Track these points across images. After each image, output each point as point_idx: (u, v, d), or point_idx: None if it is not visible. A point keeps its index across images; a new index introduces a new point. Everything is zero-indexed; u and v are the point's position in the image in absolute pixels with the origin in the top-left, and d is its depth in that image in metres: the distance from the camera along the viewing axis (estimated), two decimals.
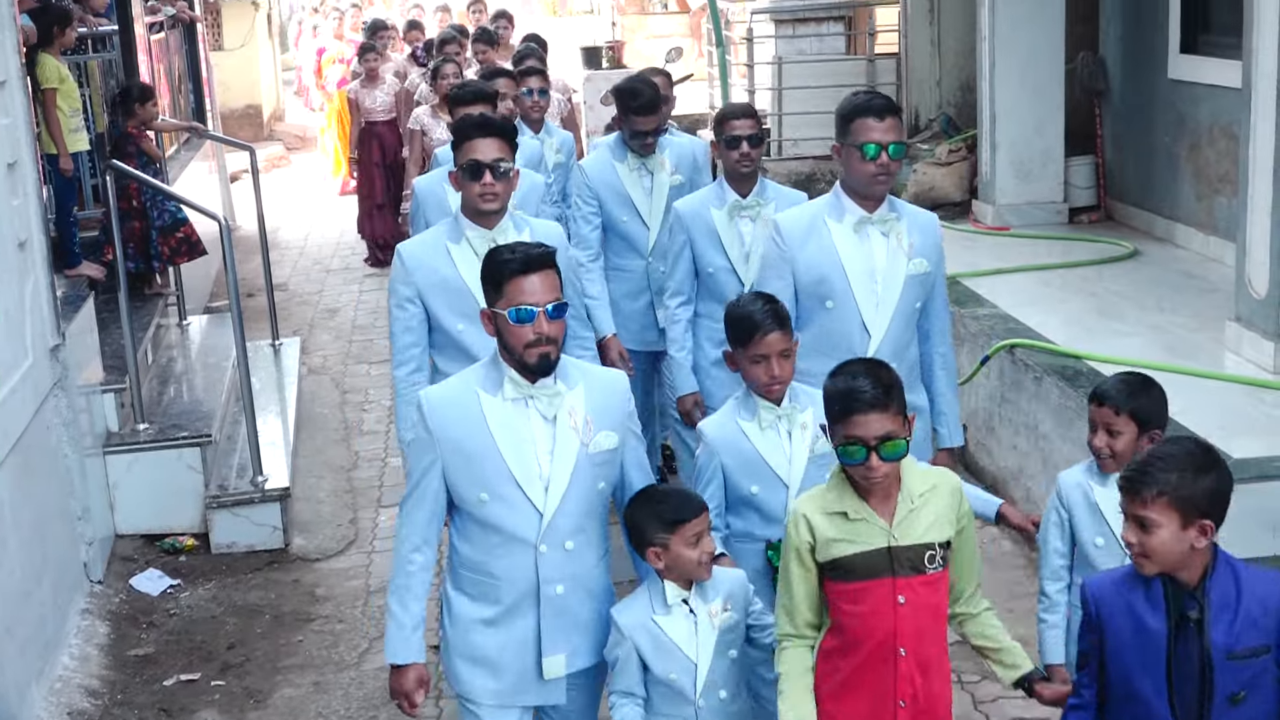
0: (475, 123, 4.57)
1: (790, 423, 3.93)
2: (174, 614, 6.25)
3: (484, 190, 4.48)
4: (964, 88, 11.14)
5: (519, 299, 3.50)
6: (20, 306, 5.83)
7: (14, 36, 6.32)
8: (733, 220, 5.32)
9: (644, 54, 17.41)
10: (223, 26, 20.82)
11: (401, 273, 4.63)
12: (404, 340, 4.68)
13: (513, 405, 3.56)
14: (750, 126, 5.31)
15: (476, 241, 4.50)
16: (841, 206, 4.53)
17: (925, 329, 4.68)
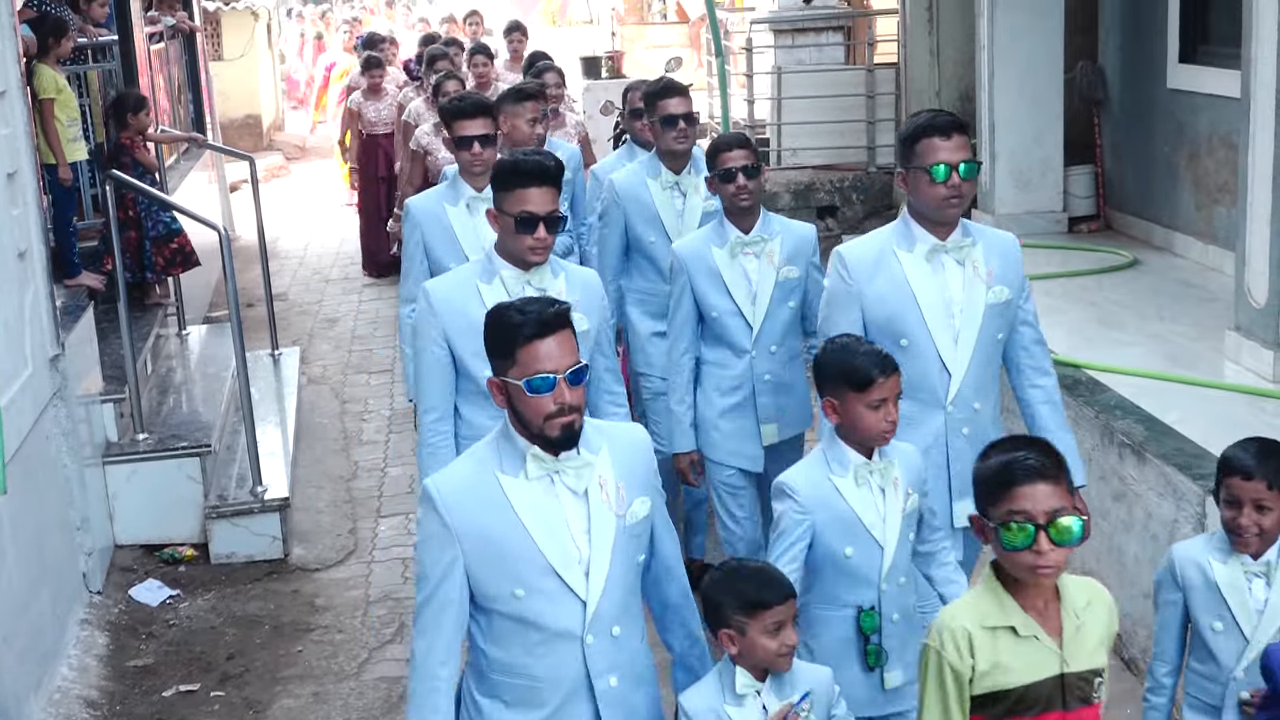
0: (528, 170, 4.15)
1: (884, 478, 3.65)
2: (173, 624, 6.24)
3: (536, 244, 4.16)
4: (963, 97, 11.15)
5: (534, 366, 3.09)
6: (20, 316, 5.83)
7: (14, 46, 6.32)
8: (735, 259, 5.01)
9: (643, 64, 17.43)
10: (222, 37, 20.86)
11: (428, 313, 4.30)
12: (430, 384, 4.35)
13: (539, 485, 3.15)
14: (745, 157, 4.99)
15: (511, 282, 4.21)
16: (911, 235, 4.18)
17: (1017, 362, 4.33)
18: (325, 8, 27.38)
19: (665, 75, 6.33)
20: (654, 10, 22.46)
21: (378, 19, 24.45)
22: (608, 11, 21.76)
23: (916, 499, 3.70)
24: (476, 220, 5.18)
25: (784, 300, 5.06)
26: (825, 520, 3.62)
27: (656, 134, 5.75)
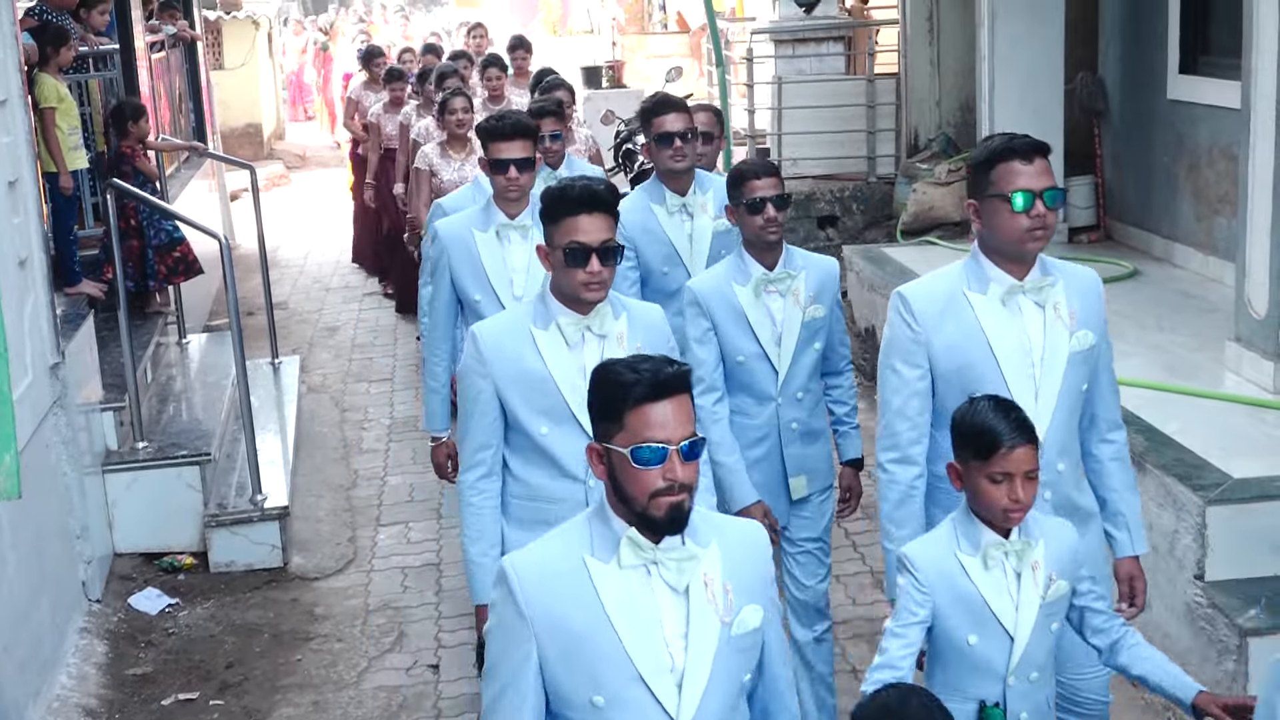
0: (576, 196, 3.70)
1: (1020, 561, 3.26)
2: (172, 633, 6.24)
3: (590, 279, 3.67)
4: (964, 108, 11.16)
5: (645, 433, 2.67)
6: (20, 325, 5.83)
7: (15, 55, 6.33)
8: (759, 298, 4.58)
9: (644, 73, 17.46)
10: (223, 45, 20.89)
11: (476, 360, 3.85)
12: (476, 439, 3.88)
13: (633, 575, 2.75)
14: (774, 186, 4.56)
15: (569, 328, 3.76)
16: (984, 274, 3.72)
17: (1090, 413, 3.88)
18: (331, 19, 27.33)
19: (660, 90, 6.00)
20: (655, 20, 22.49)
21: (390, 28, 24.40)
22: (608, 21, 21.80)
23: (1064, 586, 3.29)
24: (506, 249, 4.97)
25: (810, 342, 4.66)
26: (948, 602, 3.25)
27: (652, 153, 5.43)
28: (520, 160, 4.99)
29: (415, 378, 9.71)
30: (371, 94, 12.33)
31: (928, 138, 11.47)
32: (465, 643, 5.99)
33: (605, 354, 3.63)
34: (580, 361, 3.72)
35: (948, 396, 3.67)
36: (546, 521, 3.60)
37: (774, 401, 4.66)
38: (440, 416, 5.26)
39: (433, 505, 7.53)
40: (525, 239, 4.95)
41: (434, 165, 8.29)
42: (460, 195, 6.05)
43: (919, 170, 10.80)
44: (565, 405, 3.73)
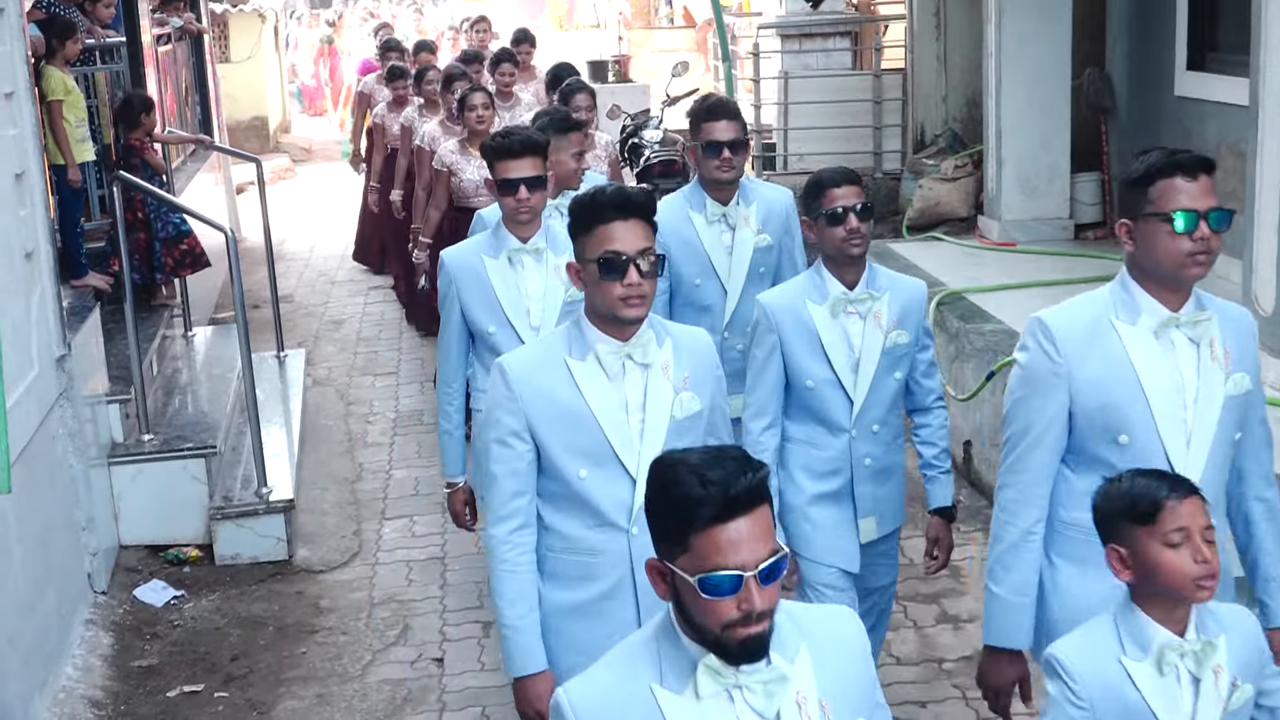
0: (609, 201, 3.30)
1: (1199, 665, 2.77)
2: (177, 625, 6.25)
3: (629, 292, 3.25)
4: (970, 103, 11.15)
5: (714, 560, 2.27)
6: (26, 317, 5.83)
7: (22, 48, 6.34)
8: (836, 319, 4.18)
9: (650, 68, 17.46)
10: (229, 39, 20.90)
11: (504, 396, 3.40)
12: (507, 488, 3.43)
13: (713, 705, 2.37)
14: (856, 194, 4.16)
15: (608, 357, 3.34)
16: (1134, 302, 3.34)
17: (1239, 466, 3.49)
18: (340, 10, 27.24)
19: (713, 94, 5.56)
20: (661, 15, 22.47)
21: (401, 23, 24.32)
22: (614, 15, 21.79)
23: (1248, 691, 2.82)
24: (520, 276, 4.68)
25: (890, 370, 4.26)
26: (1110, 715, 2.80)
27: (698, 159, 5.08)
28: (531, 179, 4.64)
29: (421, 371, 9.71)
30: (384, 88, 11.85)
31: (934, 133, 11.47)
32: (470, 636, 6.00)
33: (649, 386, 3.36)
34: (622, 395, 3.36)
35: (1087, 437, 3.35)
36: (587, 577, 3.42)
37: (847, 434, 4.26)
38: (455, 460, 4.94)
39: (437, 499, 7.52)
40: (539, 263, 4.69)
41: (453, 164, 7.90)
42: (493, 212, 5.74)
43: (925, 166, 10.80)
44: (606, 444, 3.35)
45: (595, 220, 3.30)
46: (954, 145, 11.14)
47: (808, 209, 4.23)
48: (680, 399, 3.39)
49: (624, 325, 3.33)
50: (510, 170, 4.64)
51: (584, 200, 3.35)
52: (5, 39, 6.10)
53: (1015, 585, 3.42)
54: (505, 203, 4.68)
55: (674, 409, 3.38)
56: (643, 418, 3.36)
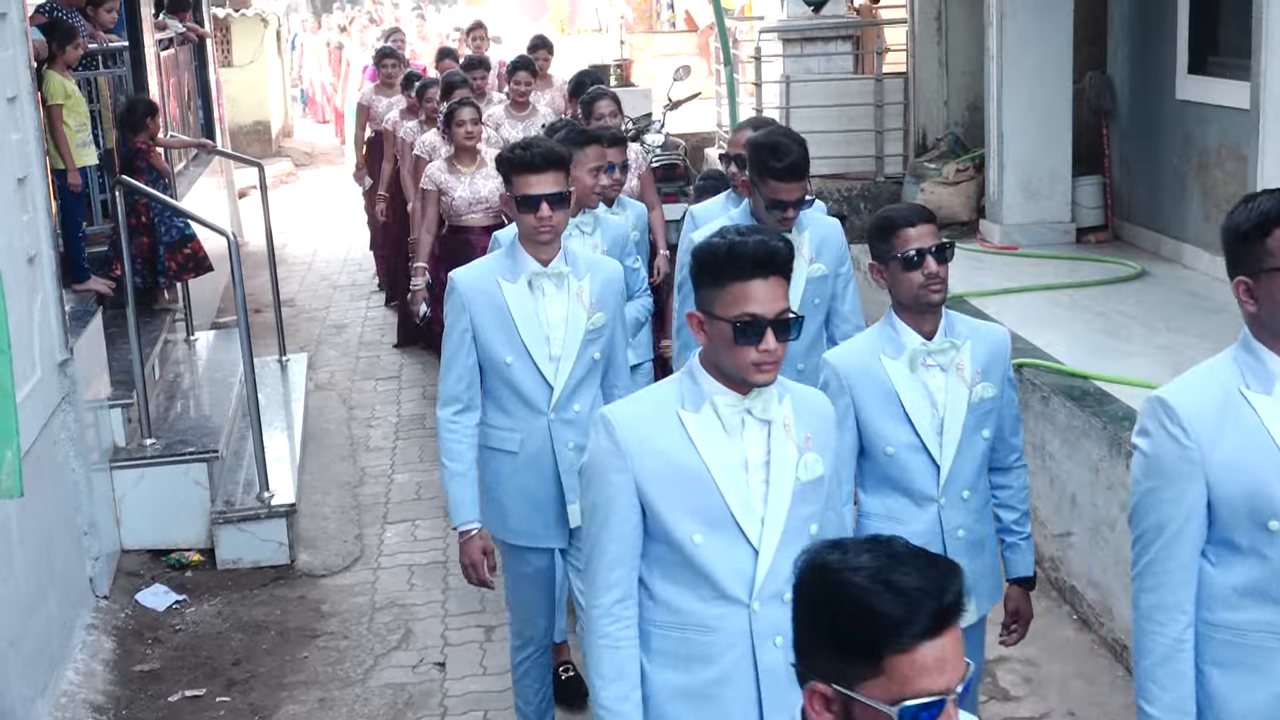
0: (753, 256, 2.93)
1: None
2: (179, 629, 6.25)
3: (764, 358, 2.95)
4: (972, 107, 11.15)
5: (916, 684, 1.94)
6: (29, 321, 5.84)
7: (25, 52, 6.34)
8: (915, 373, 3.78)
9: (652, 72, 17.45)
10: (232, 43, 20.92)
11: (609, 451, 3.04)
12: (609, 554, 3.07)
13: None
14: (932, 233, 3.80)
15: (726, 411, 3.03)
16: (1266, 369, 2.95)
17: None
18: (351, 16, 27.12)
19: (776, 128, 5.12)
20: (663, 19, 22.48)
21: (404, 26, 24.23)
22: (616, 20, 21.79)
23: None
24: (540, 302, 4.32)
25: (978, 428, 3.84)
26: None
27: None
28: (553, 196, 4.26)
29: (424, 376, 9.71)
30: (384, 99, 11.52)
31: (936, 137, 11.46)
32: (472, 641, 6.01)
33: (771, 444, 3.05)
34: (741, 452, 3.02)
35: (1231, 526, 2.94)
36: (699, 657, 3.07)
37: (935, 504, 3.83)
38: (467, 503, 4.41)
39: (439, 503, 7.53)
40: (561, 288, 4.35)
41: (442, 183, 7.61)
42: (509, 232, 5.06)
43: (927, 170, 10.80)
44: (724, 506, 3.00)
45: (733, 275, 2.95)
46: (955, 149, 11.13)
47: (877, 251, 3.81)
48: (805, 460, 3.07)
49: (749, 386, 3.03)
50: (530, 185, 4.26)
51: (720, 251, 2.97)
52: (8, 43, 6.10)
53: (1171, 703, 3.00)
54: (525, 221, 4.29)
55: (799, 470, 3.06)
56: (765, 478, 3.03)
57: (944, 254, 3.77)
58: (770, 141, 4.64)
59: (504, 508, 4.54)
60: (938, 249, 3.76)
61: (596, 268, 4.48)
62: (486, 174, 7.54)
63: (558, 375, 4.37)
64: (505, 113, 9.40)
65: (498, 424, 4.48)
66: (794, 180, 4.60)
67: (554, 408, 4.42)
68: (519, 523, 4.52)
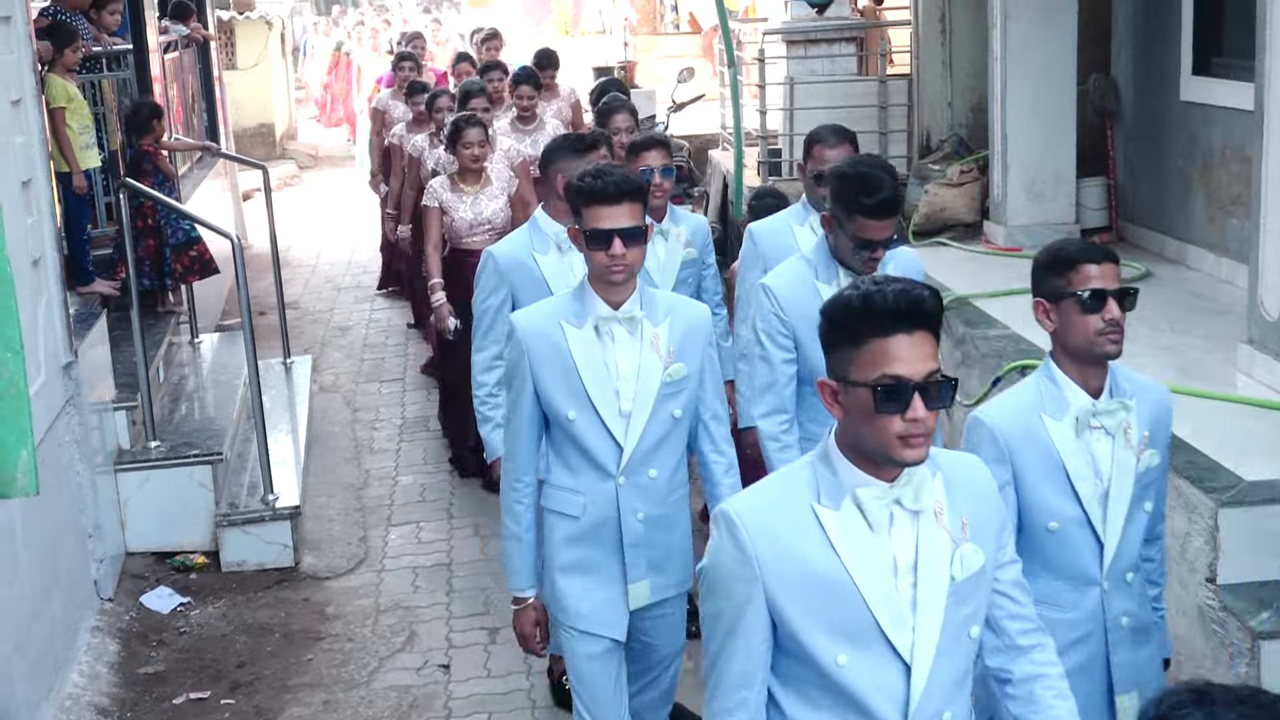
0: (893, 308, 2.51)
1: None
2: (184, 632, 6.25)
3: (912, 430, 2.51)
4: (975, 108, 11.14)
5: None
6: (33, 324, 5.84)
7: (29, 55, 6.35)
8: (1081, 437, 3.32)
9: (656, 74, 17.46)
10: (236, 46, 20.94)
11: (734, 557, 2.60)
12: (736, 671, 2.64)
13: None
14: (1116, 275, 3.39)
15: (872, 504, 2.57)
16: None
17: None
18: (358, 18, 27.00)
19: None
20: (667, 20, 22.49)
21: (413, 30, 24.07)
22: (620, 21, 21.79)
23: None
24: (609, 350, 3.84)
25: (1141, 501, 3.41)
26: None
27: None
28: (628, 231, 3.75)
29: (426, 380, 9.70)
30: (399, 104, 11.15)
31: (940, 139, 11.46)
32: (476, 643, 6.01)
33: (923, 541, 2.60)
34: (889, 553, 2.58)
35: None
36: None
37: (1097, 587, 3.38)
38: (525, 570, 4.01)
39: (443, 505, 7.53)
40: (634, 335, 3.85)
41: (445, 202, 7.33)
42: (515, 241, 5.07)
43: (931, 171, 10.79)
44: (871, 619, 2.56)
45: (870, 331, 2.52)
46: (959, 150, 11.12)
47: (1044, 287, 3.35)
48: (960, 553, 2.61)
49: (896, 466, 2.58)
50: (602, 219, 3.75)
51: (853, 302, 2.54)
52: (12, 46, 6.11)
53: None
54: (595, 259, 3.79)
55: (954, 567, 2.61)
56: (914, 580, 2.59)
57: (1127, 300, 3.35)
58: (859, 173, 4.11)
59: (559, 583, 4.00)
60: (1121, 293, 3.35)
61: (678, 311, 3.94)
62: (491, 193, 7.40)
63: (628, 434, 3.86)
64: (511, 126, 9.06)
65: (560, 483, 3.97)
66: (886, 217, 4.09)
67: (624, 470, 3.88)
68: (575, 602, 3.97)
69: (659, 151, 5.43)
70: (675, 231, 5.40)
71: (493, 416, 4.63)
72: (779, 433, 4.37)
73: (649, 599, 3.99)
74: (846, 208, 4.12)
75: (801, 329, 4.22)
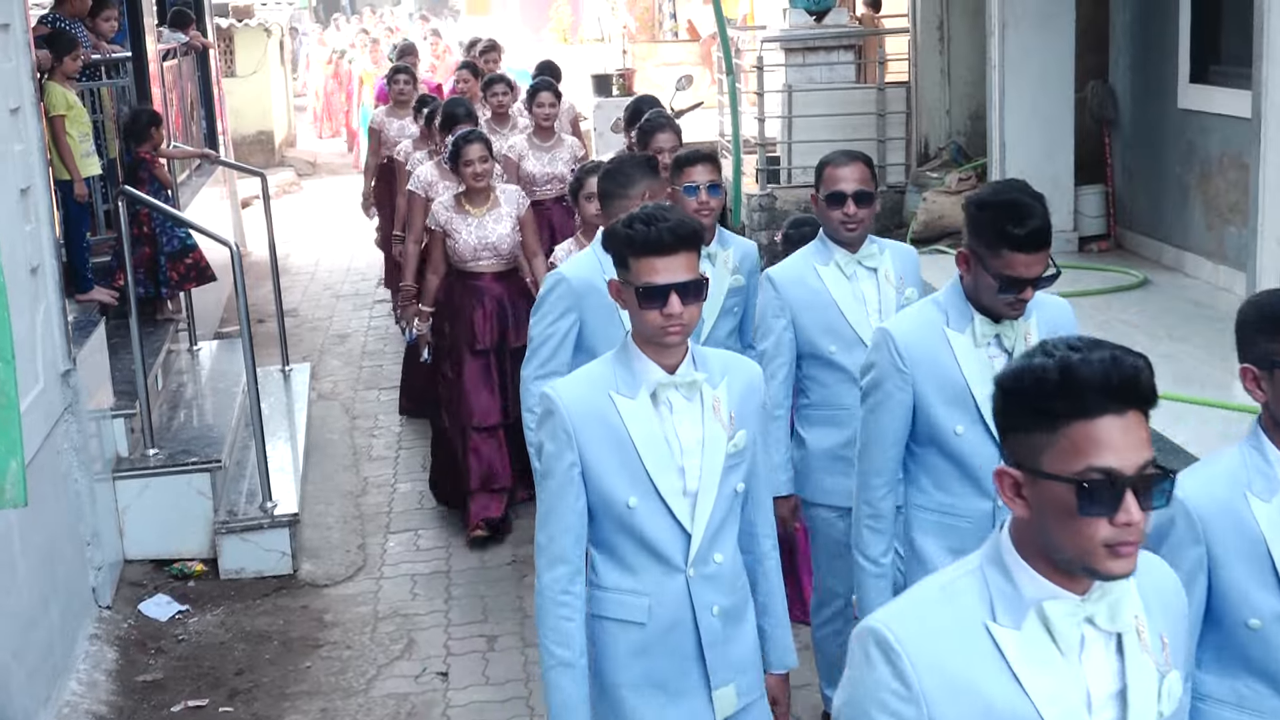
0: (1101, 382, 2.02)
1: None
2: (182, 640, 6.25)
3: (1124, 536, 2.01)
4: (974, 116, 11.17)
5: None
6: (32, 331, 5.85)
7: (29, 63, 6.35)
8: None
9: (654, 81, 17.47)
10: (235, 53, 20.95)
11: (894, 689, 2.07)
12: None
13: None
14: None
15: (1062, 623, 2.08)
16: None
17: None
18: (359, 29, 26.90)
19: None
20: (665, 28, 22.52)
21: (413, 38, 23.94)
22: (619, 29, 21.81)
23: None
24: (667, 422, 3.28)
25: None
26: None
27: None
28: (686, 285, 3.17)
29: None
30: (396, 120, 10.61)
31: (938, 146, 11.48)
32: (474, 650, 6.00)
33: (1129, 664, 2.12)
34: (1081, 682, 2.09)
35: None
36: None
37: None
38: (579, 707, 3.30)
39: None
40: (693, 400, 3.30)
41: (448, 223, 6.94)
42: (584, 263, 4.61)
43: (929, 179, 10.81)
44: None
45: (1072, 411, 2.02)
46: (958, 158, 11.15)
47: (1254, 352, 2.88)
48: (1168, 684, 2.16)
49: (1094, 579, 2.08)
50: (657, 272, 3.16)
51: (1048, 373, 2.03)
52: (10, 54, 6.12)
53: None
54: (647, 319, 3.20)
55: (1161, 701, 2.14)
56: (1115, 718, 2.11)
57: None
58: (1005, 200, 3.54)
59: (629, 701, 3.36)
60: None
61: (733, 370, 3.39)
62: (499, 215, 6.96)
63: (695, 518, 3.30)
64: (528, 142, 8.67)
65: (615, 585, 3.35)
66: (1037, 250, 3.50)
67: (693, 561, 3.31)
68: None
69: (706, 166, 4.85)
70: (723, 256, 4.88)
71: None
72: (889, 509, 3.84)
73: (737, 706, 3.40)
74: (990, 240, 3.51)
75: (926, 383, 3.69)
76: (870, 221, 4.47)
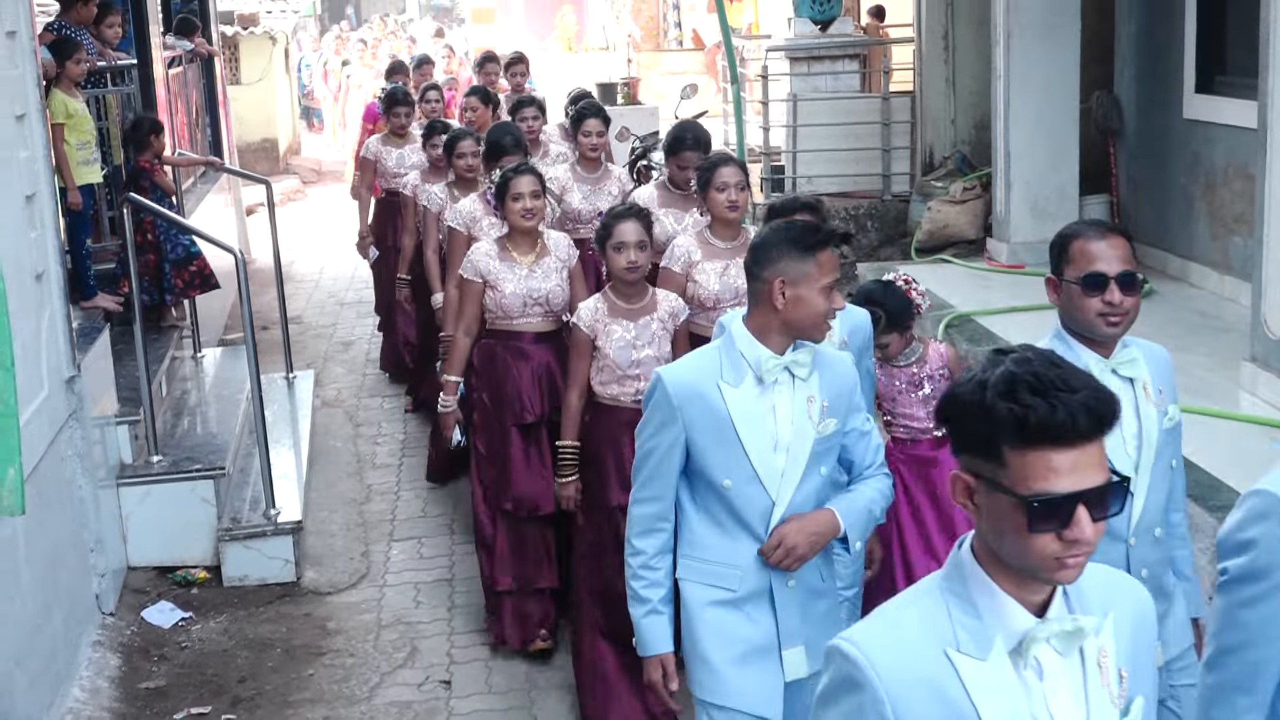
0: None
1: None
2: (185, 647, 6.24)
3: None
4: (979, 126, 11.17)
5: None
6: (36, 338, 5.85)
7: (34, 70, 6.36)
8: None
9: (659, 90, 17.51)
10: (240, 61, 20.98)
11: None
12: None
13: None
14: None
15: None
16: None
17: None
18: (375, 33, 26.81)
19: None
20: (670, 37, 22.55)
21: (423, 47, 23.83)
22: (624, 38, 21.85)
23: None
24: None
25: None
26: None
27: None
28: None
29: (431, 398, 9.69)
30: (394, 150, 9.76)
31: (943, 155, 11.48)
32: (477, 659, 5.99)
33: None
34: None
35: None
36: None
37: None
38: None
39: (445, 521, 7.53)
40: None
41: (489, 273, 5.83)
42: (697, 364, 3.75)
43: (934, 188, 10.81)
44: None
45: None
46: (962, 168, 11.15)
47: None
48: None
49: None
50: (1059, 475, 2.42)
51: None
52: (17, 61, 6.12)
53: None
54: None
55: None
56: None
57: None
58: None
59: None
60: None
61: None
62: (549, 267, 5.88)
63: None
64: (571, 173, 7.60)
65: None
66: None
67: None
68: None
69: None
70: None
71: (651, 598, 3.65)
72: None
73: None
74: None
75: None
76: (1136, 314, 3.57)
